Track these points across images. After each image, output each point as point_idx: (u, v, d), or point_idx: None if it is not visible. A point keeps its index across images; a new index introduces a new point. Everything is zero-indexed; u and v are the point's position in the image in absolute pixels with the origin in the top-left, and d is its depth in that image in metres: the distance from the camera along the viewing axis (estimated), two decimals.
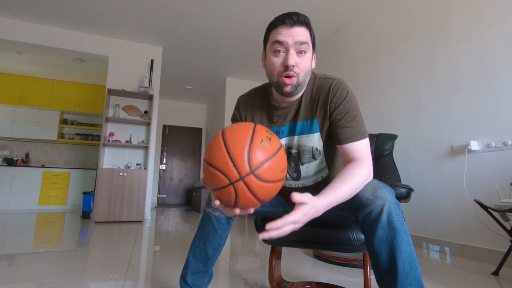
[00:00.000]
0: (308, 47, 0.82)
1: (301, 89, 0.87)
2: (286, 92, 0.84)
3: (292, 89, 0.84)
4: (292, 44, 0.80)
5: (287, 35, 0.81)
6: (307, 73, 0.85)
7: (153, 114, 4.04)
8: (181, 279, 1.02)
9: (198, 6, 3.28)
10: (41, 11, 3.45)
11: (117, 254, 1.92)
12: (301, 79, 0.84)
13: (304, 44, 0.81)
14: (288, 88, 0.83)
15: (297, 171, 0.98)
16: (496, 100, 1.90)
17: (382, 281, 0.73)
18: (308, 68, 0.84)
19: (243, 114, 1.01)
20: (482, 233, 1.88)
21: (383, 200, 0.72)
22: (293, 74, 0.81)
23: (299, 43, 0.80)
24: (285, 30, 0.81)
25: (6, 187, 4.82)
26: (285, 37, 0.81)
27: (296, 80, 0.83)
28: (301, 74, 0.83)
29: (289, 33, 0.81)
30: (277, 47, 0.82)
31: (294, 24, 0.81)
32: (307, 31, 0.84)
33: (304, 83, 0.87)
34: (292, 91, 0.84)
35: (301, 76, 0.83)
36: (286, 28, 0.81)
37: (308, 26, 0.84)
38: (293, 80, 0.82)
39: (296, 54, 0.82)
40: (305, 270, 1.65)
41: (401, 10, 2.71)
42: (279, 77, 0.83)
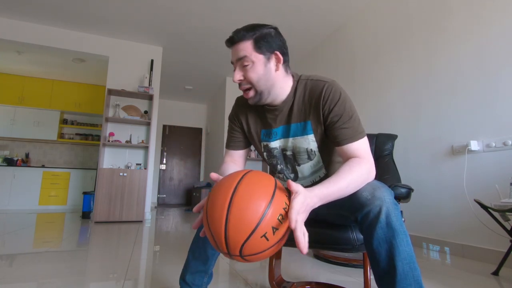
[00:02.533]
0: (248, 59, 0.85)
1: (267, 95, 0.90)
2: (250, 104, 0.93)
3: (254, 100, 0.91)
4: (235, 61, 0.88)
5: (232, 53, 0.89)
6: (262, 80, 0.87)
7: (153, 114, 4.04)
8: (181, 279, 1.02)
9: (198, 6, 3.28)
10: (41, 11, 3.45)
11: (117, 254, 1.92)
12: (259, 88, 0.88)
13: (243, 59, 0.86)
14: (249, 101, 0.92)
15: (294, 172, 0.99)
16: (496, 100, 1.89)
17: (381, 281, 0.72)
18: (259, 76, 0.87)
19: (239, 115, 1.04)
20: (482, 233, 1.88)
21: (382, 201, 0.72)
22: (246, 88, 0.89)
23: (238, 59, 0.87)
24: (231, 51, 0.90)
25: (6, 187, 4.82)
26: (231, 56, 0.90)
27: (254, 90, 0.89)
28: (254, 83, 0.87)
29: (232, 52, 0.89)
30: (233, 67, 0.90)
31: (232, 44, 0.88)
32: (247, 43, 0.86)
33: (270, 89, 0.89)
34: (256, 101, 0.91)
35: (256, 86, 0.88)
36: (231, 50, 0.90)
37: (247, 38, 0.86)
38: (249, 94, 0.89)
39: (241, 69, 0.87)
40: (305, 270, 1.65)
41: (401, 10, 2.71)
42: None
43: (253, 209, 0.59)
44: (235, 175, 0.66)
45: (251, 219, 0.58)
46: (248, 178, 0.64)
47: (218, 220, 0.60)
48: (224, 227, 0.59)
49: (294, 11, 3.29)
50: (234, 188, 0.62)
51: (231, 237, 0.59)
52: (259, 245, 0.59)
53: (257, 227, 0.58)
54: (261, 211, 0.59)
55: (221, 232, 0.59)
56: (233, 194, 0.61)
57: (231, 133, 1.06)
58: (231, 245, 0.59)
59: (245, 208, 0.59)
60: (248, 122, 1.02)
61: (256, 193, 0.61)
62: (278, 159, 0.99)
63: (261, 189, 0.62)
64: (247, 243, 0.58)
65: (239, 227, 0.58)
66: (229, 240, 0.59)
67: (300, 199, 0.63)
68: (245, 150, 1.06)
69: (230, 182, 0.64)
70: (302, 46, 4.11)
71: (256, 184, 0.63)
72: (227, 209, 0.59)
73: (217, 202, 0.62)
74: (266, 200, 0.60)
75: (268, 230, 0.59)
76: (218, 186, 0.65)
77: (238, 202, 0.60)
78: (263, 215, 0.59)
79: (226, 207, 0.60)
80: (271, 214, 0.60)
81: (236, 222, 0.58)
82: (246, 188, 0.62)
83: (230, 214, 0.59)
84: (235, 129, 1.05)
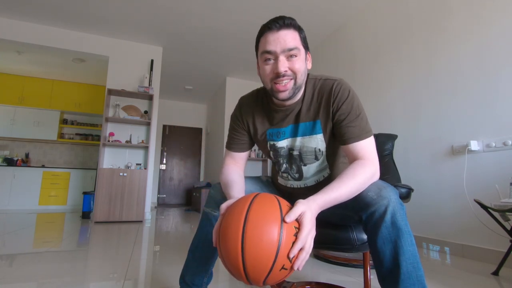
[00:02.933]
0: (298, 52, 0.81)
1: (298, 91, 0.87)
2: (281, 98, 0.84)
3: (289, 94, 0.84)
4: (281, 52, 0.80)
5: (275, 42, 0.79)
6: (303, 74, 0.84)
7: (153, 114, 4.04)
8: (181, 279, 1.02)
9: (198, 6, 3.28)
10: (41, 11, 3.45)
11: (117, 254, 1.92)
12: (298, 81, 0.83)
13: (293, 50, 0.80)
14: (282, 94, 0.83)
15: (299, 171, 0.98)
16: (496, 100, 1.89)
17: (385, 281, 0.72)
18: (303, 69, 0.83)
19: (244, 116, 1.00)
20: (482, 233, 1.88)
21: (388, 200, 0.72)
22: (288, 80, 0.81)
23: (287, 50, 0.79)
24: (272, 36, 0.80)
25: (6, 187, 4.82)
26: (273, 46, 0.80)
27: (294, 82, 0.82)
28: (298, 75, 0.82)
29: (276, 40, 0.79)
30: (267, 56, 0.82)
31: (280, 28, 0.79)
32: (296, 33, 0.82)
33: (301, 86, 0.87)
34: (290, 96, 0.84)
35: (298, 78, 0.82)
36: (273, 34, 0.80)
37: (296, 28, 0.82)
38: (288, 86, 0.82)
39: (286, 59, 0.81)
40: (305, 270, 1.65)
41: (401, 10, 2.71)
42: (272, 84, 0.83)
43: (268, 242, 0.58)
44: (243, 201, 0.65)
45: (268, 255, 0.58)
46: (255, 205, 0.64)
47: (234, 258, 0.59)
48: (242, 265, 0.59)
49: (294, 11, 3.29)
50: (243, 221, 0.61)
51: (251, 274, 0.59)
52: (280, 275, 0.60)
53: (275, 262, 0.58)
54: (275, 242, 0.58)
55: (239, 269, 0.59)
56: (244, 228, 0.60)
57: (233, 134, 1.02)
58: (253, 281, 0.61)
59: (259, 241, 0.58)
60: (254, 122, 0.99)
61: (266, 225, 0.60)
62: (284, 158, 0.97)
63: (270, 219, 0.61)
64: (268, 278, 0.60)
65: (257, 266, 0.58)
66: (249, 276, 0.60)
67: (308, 217, 0.63)
68: (247, 152, 1.04)
69: (239, 210, 0.63)
70: None
71: (264, 214, 0.62)
72: (241, 245, 0.59)
73: (229, 236, 0.61)
74: (277, 230, 0.59)
75: (286, 262, 0.59)
76: (228, 216, 0.65)
77: (251, 238, 0.59)
78: (278, 248, 0.58)
79: (239, 241, 0.59)
80: (285, 243, 0.59)
81: (254, 261, 0.58)
82: (256, 220, 0.61)
83: (245, 251, 0.58)
84: (238, 130, 1.01)
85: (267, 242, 0.58)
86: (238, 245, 0.59)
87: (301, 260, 0.60)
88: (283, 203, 0.65)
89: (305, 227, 0.62)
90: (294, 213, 0.62)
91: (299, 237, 0.60)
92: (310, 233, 0.63)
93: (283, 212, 0.62)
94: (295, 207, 0.64)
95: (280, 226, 0.60)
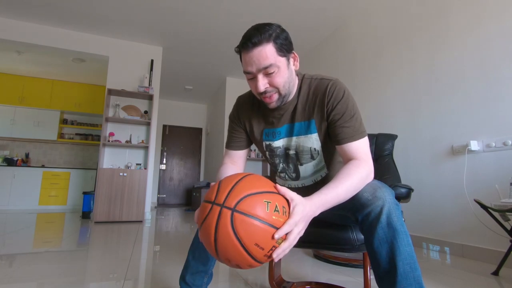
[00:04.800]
0: (275, 67, 0.79)
1: (288, 97, 0.89)
2: (271, 107, 0.88)
3: (277, 104, 0.87)
4: (257, 71, 0.80)
5: (250, 63, 0.79)
6: (287, 84, 0.85)
7: (153, 114, 4.04)
8: (181, 279, 1.02)
9: (198, 6, 3.28)
10: (41, 11, 3.45)
11: (117, 254, 1.92)
12: (283, 92, 0.85)
13: (269, 67, 0.79)
14: (271, 105, 0.87)
15: (296, 171, 0.98)
16: (496, 100, 1.90)
17: (382, 281, 0.72)
18: (284, 81, 0.83)
19: (241, 115, 1.02)
20: (482, 233, 1.88)
21: (383, 201, 0.72)
22: (271, 94, 0.84)
23: (263, 69, 0.79)
24: (247, 56, 0.79)
25: (6, 187, 4.82)
26: (249, 66, 0.80)
27: (277, 95, 0.85)
28: (280, 88, 0.83)
29: (251, 60, 0.79)
30: (247, 76, 0.84)
31: (252, 47, 0.78)
32: (268, 46, 0.78)
33: (291, 91, 0.88)
34: (279, 105, 0.88)
35: (281, 90, 0.84)
36: (247, 54, 0.79)
37: (270, 40, 0.78)
38: (273, 98, 0.85)
39: (266, 76, 0.81)
40: (305, 270, 1.65)
41: (401, 10, 2.71)
42: (260, 97, 0.86)
43: (263, 185, 0.63)
44: (235, 176, 0.66)
45: (259, 187, 0.62)
46: (249, 177, 0.65)
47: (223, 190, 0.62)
48: (233, 185, 0.62)
49: (294, 11, 3.29)
50: (234, 183, 0.63)
51: (238, 188, 0.61)
52: (259, 207, 0.59)
53: (263, 193, 0.61)
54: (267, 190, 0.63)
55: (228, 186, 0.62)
56: (234, 185, 0.62)
57: (231, 133, 1.04)
58: (233, 194, 0.60)
59: (252, 187, 0.62)
60: (251, 122, 1.00)
61: (258, 186, 0.63)
62: (281, 158, 0.98)
63: (262, 184, 0.64)
64: (249, 198, 0.59)
65: (245, 188, 0.61)
66: (235, 189, 0.61)
67: (300, 209, 0.63)
68: (245, 150, 1.05)
69: (230, 179, 0.65)
70: (302, 45, 4.11)
71: (257, 180, 0.65)
72: (231, 187, 0.62)
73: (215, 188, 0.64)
74: (270, 190, 0.63)
75: (272, 200, 0.60)
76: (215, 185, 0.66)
77: (243, 184, 0.62)
78: (271, 191, 0.62)
79: (229, 188, 0.62)
80: (276, 197, 0.62)
81: (241, 188, 0.61)
82: (247, 183, 0.63)
83: (234, 188, 0.62)
84: (236, 129, 1.03)
85: (260, 188, 0.62)
86: (223, 195, 0.61)
87: (282, 249, 0.60)
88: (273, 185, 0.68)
89: (294, 216, 0.62)
90: (287, 191, 0.65)
91: (288, 222, 0.60)
92: (298, 224, 0.62)
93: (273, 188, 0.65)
94: (289, 190, 0.66)
95: (271, 193, 0.62)
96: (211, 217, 0.59)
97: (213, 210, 0.60)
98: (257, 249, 0.58)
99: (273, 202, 0.60)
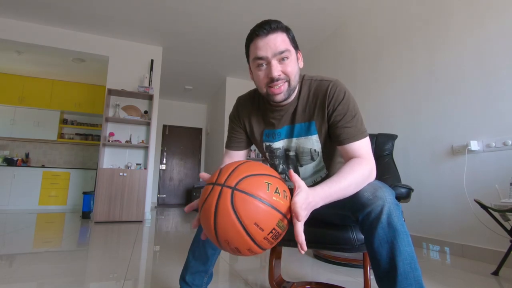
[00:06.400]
0: (289, 53, 0.82)
1: (293, 92, 0.88)
2: (277, 100, 0.86)
3: (284, 96, 0.85)
4: (272, 56, 0.80)
5: (265, 48, 0.80)
6: (296, 76, 0.86)
7: (153, 114, 4.04)
8: (181, 279, 1.02)
9: (198, 6, 3.28)
10: (41, 11, 3.45)
11: (117, 254, 1.92)
12: (292, 83, 0.85)
13: (284, 52, 0.81)
14: (278, 97, 0.85)
15: (295, 172, 0.98)
16: (496, 100, 1.90)
17: (382, 281, 0.72)
18: (296, 71, 0.85)
19: (241, 116, 1.02)
20: (482, 233, 1.88)
21: (383, 201, 0.72)
22: (282, 83, 0.83)
23: (278, 54, 0.80)
24: (262, 41, 0.80)
25: (6, 187, 4.82)
26: (264, 51, 0.80)
27: (288, 84, 0.84)
28: (291, 77, 0.83)
29: (266, 45, 0.80)
30: (259, 62, 0.82)
31: (268, 32, 0.80)
32: (284, 35, 0.82)
33: (295, 86, 0.88)
34: (285, 98, 0.86)
35: (292, 80, 0.84)
36: (262, 39, 0.80)
37: (284, 30, 0.83)
38: (283, 88, 0.83)
39: (278, 63, 0.82)
40: (305, 270, 1.65)
41: (401, 10, 2.71)
42: (268, 88, 0.84)
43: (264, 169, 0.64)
44: (236, 161, 0.68)
45: (260, 169, 0.63)
46: (250, 162, 0.66)
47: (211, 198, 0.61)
48: (234, 167, 0.62)
49: (294, 11, 3.29)
50: (235, 166, 0.64)
51: (239, 170, 0.61)
52: (259, 187, 0.58)
53: (264, 175, 0.61)
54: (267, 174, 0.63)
55: (229, 169, 0.62)
56: (236, 168, 0.63)
57: (231, 133, 1.04)
58: (234, 175, 0.60)
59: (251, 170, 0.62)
60: (251, 122, 1.00)
61: (259, 169, 0.63)
62: (281, 159, 0.98)
63: (263, 168, 0.65)
64: (250, 178, 0.59)
65: (247, 170, 0.62)
66: (236, 171, 0.61)
67: (303, 195, 0.63)
68: (245, 151, 1.05)
69: (231, 164, 0.66)
70: (302, 45, 4.11)
71: (259, 165, 0.65)
72: (232, 169, 0.62)
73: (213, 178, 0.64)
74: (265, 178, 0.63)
75: (273, 182, 0.60)
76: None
77: (244, 167, 0.63)
78: (271, 175, 0.63)
79: (231, 170, 0.62)
80: (277, 181, 0.63)
81: (243, 169, 0.62)
82: (249, 167, 0.64)
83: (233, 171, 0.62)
84: (236, 129, 1.03)
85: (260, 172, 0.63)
86: (224, 176, 0.61)
87: (299, 233, 0.60)
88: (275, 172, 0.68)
89: (297, 201, 0.61)
90: (297, 177, 0.66)
91: (292, 208, 0.61)
92: (303, 210, 0.62)
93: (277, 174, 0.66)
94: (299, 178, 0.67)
95: (272, 176, 0.63)
96: (212, 197, 0.60)
97: (214, 190, 0.60)
98: (256, 229, 0.57)
99: (274, 184, 0.61)
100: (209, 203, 0.59)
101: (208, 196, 0.60)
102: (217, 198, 0.58)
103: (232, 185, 0.58)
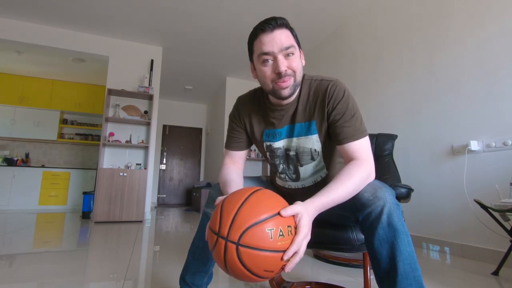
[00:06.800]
0: (294, 49, 0.83)
1: (297, 88, 0.88)
2: (284, 95, 0.85)
3: (290, 91, 0.84)
4: (278, 51, 0.80)
5: (271, 43, 0.80)
6: (301, 72, 0.87)
7: (153, 114, 4.04)
8: (181, 279, 1.02)
9: (198, 6, 3.28)
10: (41, 11, 3.45)
11: (117, 254, 1.92)
12: (298, 78, 0.85)
13: (290, 48, 0.81)
14: (285, 91, 0.84)
15: (296, 172, 0.98)
16: (496, 100, 1.90)
17: (382, 281, 0.72)
18: (300, 67, 0.86)
19: (242, 116, 1.01)
20: (482, 233, 1.88)
21: (384, 201, 0.72)
22: (289, 78, 0.82)
23: (284, 49, 0.81)
24: (267, 37, 0.81)
25: (6, 187, 4.82)
26: (270, 46, 0.80)
27: (293, 80, 0.84)
28: (297, 73, 0.84)
29: (272, 41, 0.80)
30: (265, 57, 0.82)
31: (274, 28, 0.81)
32: (289, 32, 0.83)
33: (299, 83, 0.88)
34: (291, 92, 0.85)
35: (297, 75, 0.84)
36: (267, 35, 0.81)
37: (288, 27, 0.84)
38: (289, 82, 0.83)
39: (284, 58, 0.82)
40: (305, 270, 1.65)
41: (401, 10, 2.71)
42: (274, 84, 0.84)
43: (266, 208, 0.62)
44: (236, 199, 0.65)
45: (261, 212, 0.60)
46: (250, 200, 0.63)
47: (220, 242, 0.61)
48: (235, 213, 0.61)
49: (294, 10, 3.29)
50: (235, 211, 0.62)
51: (240, 218, 0.59)
52: (263, 238, 0.58)
53: (265, 219, 0.59)
54: (273, 212, 0.61)
55: (230, 215, 0.60)
56: (236, 213, 0.61)
57: (231, 133, 1.03)
58: (235, 225, 0.59)
59: (257, 207, 0.61)
60: (251, 122, 1.00)
61: (260, 212, 0.61)
62: (281, 159, 0.98)
63: (263, 208, 0.62)
64: (252, 229, 0.58)
65: (247, 218, 0.59)
66: (236, 219, 0.59)
67: (305, 220, 0.64)
68: (245, 150, 1.04)
69: (232, 205, 0.63)
70: (302, 45, 4.09)
71: (259, 203, 0.63)
72: (233, 216, 0.61)
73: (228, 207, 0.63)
74: (275, 210, 0.62)
75: (275, 226, 0.59)
76: (227, 200, 0.65)
77: (244, 212, 0.61)
78: (273, 215, 0.61)
79: (228, 224, 0.61)
80: (279, 220, 0.61)
81: (243, 217, 0.60)
82: (249, 209, 0.62)
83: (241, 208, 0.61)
84: (236, 129, 1.02)
85: (267, 208, 0.61)
86: (226, 227, 0.60)
87: (294, 263, 0.61)
88: (283, 202, 0.66)
89: (301, 231, 0.62)
90: (292, 209, 0.63)
91: (295, 240, 0.61)
92: (306, 237, 0.63)
93: (281, 207, 0.63)
94: (293, 205, 0.65)
95: (274, 217, 0.61)
96: (218, 249, 0.60)
97: (219, 243, 0.60)
98: (266, 273, 0.60)
99: (277, 227, 0.59)
100: (217, 253, 0.61)
101: (215, 247, 0.61)
102: (224, 253, 0.59)
103: (236, 240, 0.58)
